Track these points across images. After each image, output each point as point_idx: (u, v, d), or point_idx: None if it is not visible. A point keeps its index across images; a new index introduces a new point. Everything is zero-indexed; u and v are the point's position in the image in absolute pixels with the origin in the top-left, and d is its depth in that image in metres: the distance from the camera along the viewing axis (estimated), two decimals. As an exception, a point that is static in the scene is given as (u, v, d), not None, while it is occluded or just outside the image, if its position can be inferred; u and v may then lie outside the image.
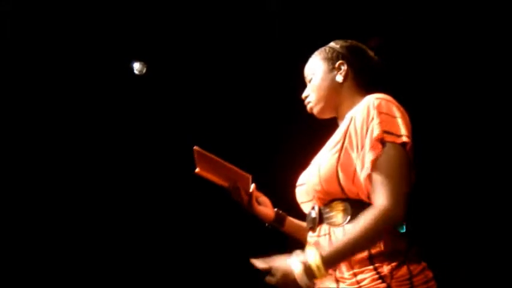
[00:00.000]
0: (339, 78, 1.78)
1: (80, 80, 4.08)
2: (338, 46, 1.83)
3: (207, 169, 1.91)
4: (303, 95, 1.87)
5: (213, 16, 3.86)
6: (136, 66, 4.13)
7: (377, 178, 1.53)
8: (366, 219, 1.51)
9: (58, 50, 3.88)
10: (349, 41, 1.86)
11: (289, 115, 3.99)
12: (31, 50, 3.85)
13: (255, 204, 1.93)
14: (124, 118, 4.28)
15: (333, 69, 1.79)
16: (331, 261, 1.53)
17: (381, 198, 1.51)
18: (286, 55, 3.87)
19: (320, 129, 1.87)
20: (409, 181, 1.56)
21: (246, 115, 4.19)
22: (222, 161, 1.88)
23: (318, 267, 1.51)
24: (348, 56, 1.80)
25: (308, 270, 1.51)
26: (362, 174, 1.55)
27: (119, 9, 3.75)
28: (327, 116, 1.84)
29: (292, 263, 1.54)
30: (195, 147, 1.88)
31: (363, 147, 1.56)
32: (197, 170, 1.91)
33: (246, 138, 4.12)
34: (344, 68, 1.78)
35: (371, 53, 1.84)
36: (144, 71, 4.14)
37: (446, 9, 3.55)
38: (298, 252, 1.56)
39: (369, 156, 1.54)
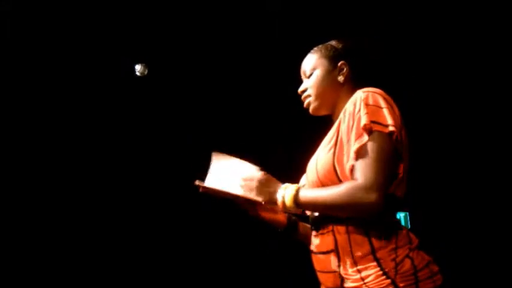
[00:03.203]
0: (341, 78, 1.78)
1: (81, 81, 4.09)
2: (341, 46, 1.83)
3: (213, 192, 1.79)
4: (300, 90, 1.86)
5: (213, 16, 3.86)
6: (138, 68, 4.15)
7: (359, 163, 1.52)
8: (340, 188, 1.53)
9: (59, 50, 3.88)
10: (352, 39, 1.85)
11: (291, 114, 4.01)
12: (31, 50, 3.85)
13: (265, 211, 1.85)
14: (125, 120, 4.28)
15: (334, 69, 1.79)
16: (301, 200, 1.60)
17: (357, 176, 1.51)
18: (286, 55, 3.87)
19: (322, 129, 1.86)
20: (391, 170, 1.55)
21: (246, 115, 4.19)
22: (230, 193, 1.75)
23: (283, 196, 1.62)
24: (349, 56, 1.79)
25: (281, 192, 1.63)
26: (347, 165, 1.55)
27: (119, 10, 3.75)
28: (322, 113, 1.83)
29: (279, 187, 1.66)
30: (198, 187, 1.77)
31: (349, 139, 1.57)
32: (201, 190, 1.78)
33: (249, 138, 4.11)
34: (346, 68, 1.78)
35: (374, 52, 1.84)
36: (146, 72, 4.15)
37: (446, 9, 3.56)
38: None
39: (355, 146, 1.54)
